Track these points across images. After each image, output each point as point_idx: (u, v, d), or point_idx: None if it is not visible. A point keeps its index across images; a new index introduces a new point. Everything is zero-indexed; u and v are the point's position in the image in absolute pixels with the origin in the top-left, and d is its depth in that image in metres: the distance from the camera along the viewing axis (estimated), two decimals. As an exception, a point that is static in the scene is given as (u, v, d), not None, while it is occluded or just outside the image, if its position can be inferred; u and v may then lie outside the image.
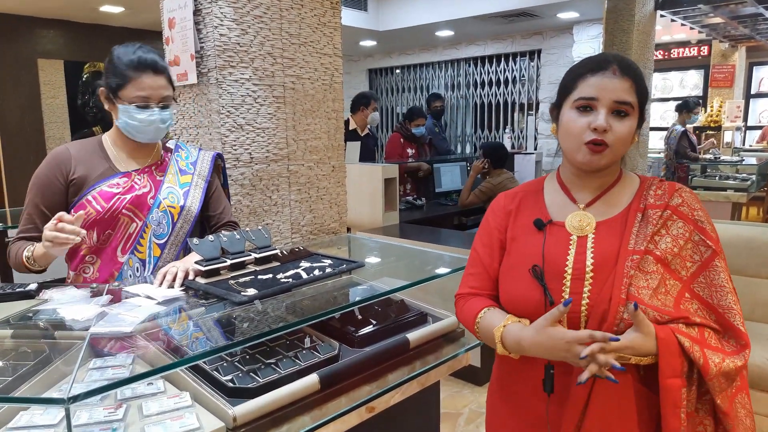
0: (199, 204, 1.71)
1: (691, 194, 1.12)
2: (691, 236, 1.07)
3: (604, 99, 1.07)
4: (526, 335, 1.04)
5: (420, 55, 9.22)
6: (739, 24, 6.88)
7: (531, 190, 1.24)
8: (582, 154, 1.09)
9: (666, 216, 1.08)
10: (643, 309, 1.01)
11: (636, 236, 1.07)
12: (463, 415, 2.80)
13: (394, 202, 3.80)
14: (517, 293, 1.13)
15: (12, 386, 1.04)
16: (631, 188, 1.15)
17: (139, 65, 1.52)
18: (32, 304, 1.38)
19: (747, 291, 2.78)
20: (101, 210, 1.55)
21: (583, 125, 1.08)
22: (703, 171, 6.05)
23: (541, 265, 1.10)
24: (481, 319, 1.15)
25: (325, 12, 2.29)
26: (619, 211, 1.12)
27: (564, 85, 1.14)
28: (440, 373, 1.54)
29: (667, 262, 1.05)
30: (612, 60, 1.09)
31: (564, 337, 0.98)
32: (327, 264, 1.60)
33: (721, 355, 1.00)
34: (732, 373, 1.01)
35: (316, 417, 1.22)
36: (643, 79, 1.11)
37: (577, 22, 7.08)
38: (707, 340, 1.02)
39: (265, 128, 2.13)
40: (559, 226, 1.14)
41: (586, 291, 1.06)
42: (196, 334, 1.27)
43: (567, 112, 1.12)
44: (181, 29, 2.06)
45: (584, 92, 1.09)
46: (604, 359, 0.95)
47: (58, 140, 6.25)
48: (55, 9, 5.82)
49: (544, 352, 1.03)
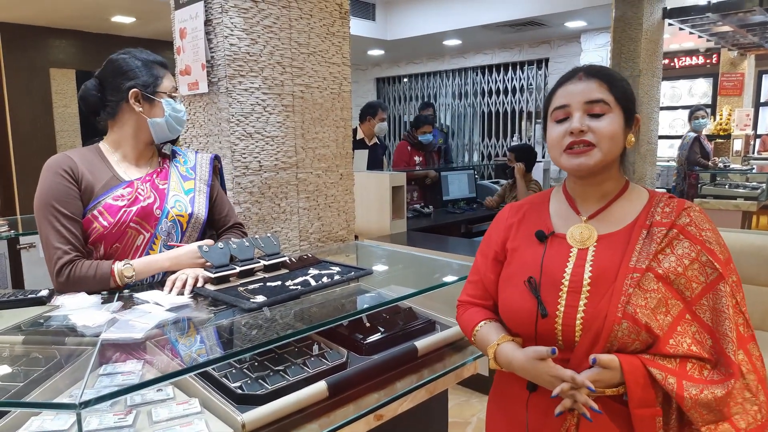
0: (206, 210, 1.71)
1: (701, 213, 1.09)
2: (698, 257, 1.03)
3: (574, 102, 1.09)
4: (517, 358, 1.09)
5: (427, 63, 9.26)
6: (748, 32, 6.85)
7: (537, 201, 1.24)
8: (564, 159, 1.11)
9: (672, 235, 1.05)
10: (636, 330, 1.00)
11: (639, 253, 1.05)
12: (471, 424, 2.78)
13: (402, 210, 3.81)
14: (513, 304, 1.13)
15: (23, 391, 1.05)
16: (638, 202, 1.13)
17: (162, 62, 1.65)
18: (44, 310, 1.39)
19: (758, 300, 2.76)
20: (108, 225, 1.52)
21: (560, 133, 1.11)
22: (713, 179, 6.01)
23: (538, 277, 1.10)
24: (478, 333, 1.20)
25: (333, 22, 2.31)
26: (624, 225, 1.10)
27: (545, 103, 1.19)
28: (448, 381, 1.53)
29: (669, 281, 1.02)
30: (580, 68, 1.14)
31: (549, 371, 1.03)
32: (335, 271, 1.60)
33: (700, 386, 0.97)
34: (713, 404, 0.96)
35: (324, 424, 1.21)
36: (619, 79, 1.12)
37: (585, 30, 7.09)
38: (688, 371, 0.99)
39: (274, 137, 2.14)
40: (561, 237, 1.13)
41: (581, 305, 1.04)
42: (205, 341, 1.28)
43: (549, 126, 1.15)
44: (192, 39, 2.09)
45: (557, 102, 1.13)
46: (584, 400, 0.99)
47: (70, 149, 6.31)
48: (68, 19, 5.90)
49: (529, 377, 1.09)
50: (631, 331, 1.00)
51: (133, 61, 1.59)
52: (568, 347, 1.05)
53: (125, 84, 1.57)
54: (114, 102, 1.59)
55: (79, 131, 6.53)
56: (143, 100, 1.58)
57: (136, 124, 1.61)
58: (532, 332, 1.09)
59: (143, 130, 1.62)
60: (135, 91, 1.57)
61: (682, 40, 8.52)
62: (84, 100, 1.61)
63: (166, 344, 1.24)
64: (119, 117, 1.61)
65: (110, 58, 1.61)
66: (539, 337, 1.08)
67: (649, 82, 5.32)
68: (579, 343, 1.04)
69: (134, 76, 1.57)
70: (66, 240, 1.48)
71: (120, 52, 1.62)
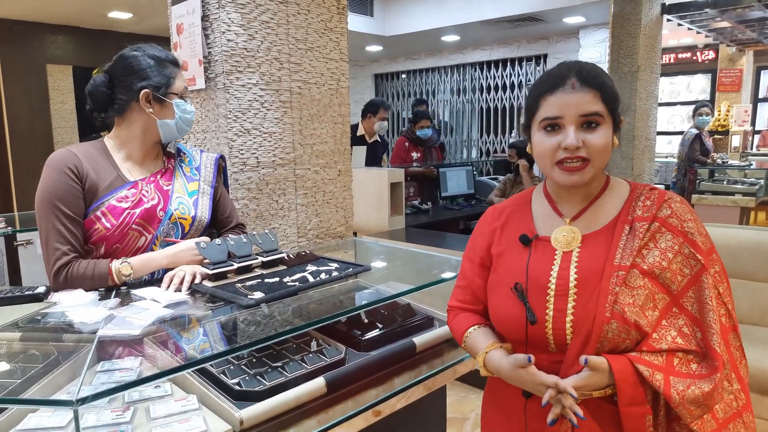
0: (209, 213, 1.69)
1: (682, 204, 1.08)
2: (680, 249, 1.03)
3: (569, 116, 1.04)
4: (504, 366, 1.09)
5: (426, 59, 9.24)
6: (747, 28, 6.85)
7: (518, 204, 1.22)
8: (557, 173, 1.07)
9: (654, 229, 1.04)
10: (626, 329, 0.99)
11: (623, 250, 1.04)
12: (469, 420, 2.79)
13: (400, 207, 3.81)
14: (503, 311, 1.13)
15: (21, 388, 1.05)
16: (619, 197, 1.11)
17: (174, 60, 1.61)
18: (41, 306, 1.38)
19: (755, 296, 2.76)
20: (110, 227, 1.50)
21: (552, 145, 1.06)
22: (711, 175, 6.01)
23: (524, 282, 1.09)
24: (467, 339, 1.20)
25: (331, 17, 2.30)
26: (606, 222, 1.09)
27: (528, 105, 1.12)
28: (446, 377, 1.53)
29: (655, 275, 1.02)
30: (569, 73, 1.06)
31: (533, 379, 1.03)
32: (333, 268, 1.60)
33: (687, 381, 0.97)
34: (700, 400, 0.96)
35: (322, 420, 1.22)
36: (608, 84, 1.07)
37: (584, 26, 7.08)
38: (675, 366, 0.99)
39: (271, 133, 2.13)
40: (545, 241, 1.12)
41: (570, 308, 1.04)
42: (203, 337, 1.28)
43: (536, 133, 1.10)
44: (190, 35, 2.08)
45: (548, 112, 1.06)
46: (569, 405, 0.99)
47: (67, 145, 6.29)
48: (64, 15, 5.88)
49: (518, 385, 1.09)
50: (621, 330, 1.00)
51: (145, 60, 1.54)
52: (560, 350, 1.05)
53: (137, 84, 1.52)
54: (124, 100, 1.55)
55: (76, 127, 6.51)
56: (154, 101, 1.55)
57: (144, 124, 1.57)
58: (523, 338, 1.08)
59: (151, 131, 1.58)
60: (146, 92, 1.53)
61: (681, 36, 8.52)
62: (92, 96, 1.56)
63: (164, 341, 1.23)
64: (127, 115, 1.57)
65: (122, 53, 1.56)
66: (530, 343, 1.08)
67: (647, 77, 5.32)
68: (570, 346, 1.03)
69: (146, 76, 1.53)
70: (66, 240, 1.46)
71: (132, 48, 1.56)
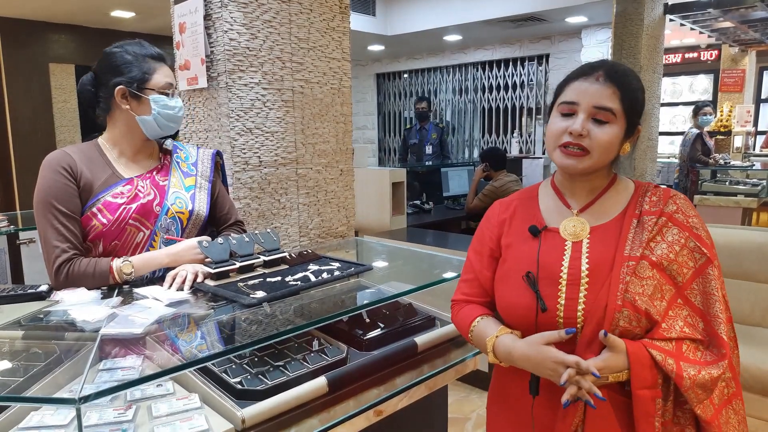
0: (207, 208, 1.69)
1: (686, 201, 1.13)
2: (686, 243, 1.07)
3: (584, 103, 1.08)
4: (518, 347, 1.08)
5: (428, 59, 9.23)
6: (750, 28, 6.83)
7: (525, 197, 1.25)
8: (557, 155, 1.12)
9: (661, 223, 1.09)
10: (637, 317, 1.02)
11: (632, 242, 1.07)
12: (470, 420, 2.79)
13: (402, 206, 3.81)
14: (512, 299, 1.14)
15: (23, 386, 1.05)
16: (625, 194, 1.16)
17: (157, 55, 1.57)
18: (43, 305, 1.38)
19: (758, 297, 2.76)
20: (107, 223, 1.51)
21: (561, 128, 1.10)
22: (713, 176, 6.00)
23: (535, 272, 1.11)
24: (475, 328, 1.19)
25: (333, 17, 2.30)
26: (614, 216, 1.13)
27: (557, 89, 1.17)
28: (448, 377, 1.54)
29: (662, 267, 1.05)
30: (601, 66, 1.10)
31: (553, 357, 1.02)
32: (335, 267, 1.60)
33: (697, 367, 1.01)
34: (708, 384, 1.01)
35: (324, 420, 1.22)
36: (634, 89, 1.10)
37: (586, 26, 7.06)
38: (684, 353, 1.02)
39: (273, 132, 2.14)
40: (554, 232, 1.15)
41: (581, 296, 1.06)
42: (205, 336, 1.28)
43: (552, 116, 1.14)
44: (192, 34, 2.08)
45: (567, 96, 1.11)
46: (588, 386, 0.99)
47: (69, 144, 6.30)
48: (67, 14, 5.89)
49: (531, 367, 1.07)
50: (632, 317, 1.02)
51: (122, 56, 1.52)
52: (570, 339, 1.06)
53: (111, 80, 1.52)
54: (104, 98, 1.55)
55: (78, 126, 6.52)
56: (130, 97, 1.53)
57: (126, 121, 1.56)
58: (532, 326, 1.09)
59: (135, 127, 1.57)
60: (121, 88, 1.51)
61: (684, 36, 8.50)
62: (80, 95, 1.59)
63: (166, 339, 1.23)
64: (112, 113, 1.57)
65: (104, 51, 1.56)
66: (540, 331, 1.09)
67: (650, 78, 5.31)
68: (582, 334, 1.05)
69: (122, 71, 1.51)
70: (64, 238, 1.47)
71: (114, 45, 1.56)
